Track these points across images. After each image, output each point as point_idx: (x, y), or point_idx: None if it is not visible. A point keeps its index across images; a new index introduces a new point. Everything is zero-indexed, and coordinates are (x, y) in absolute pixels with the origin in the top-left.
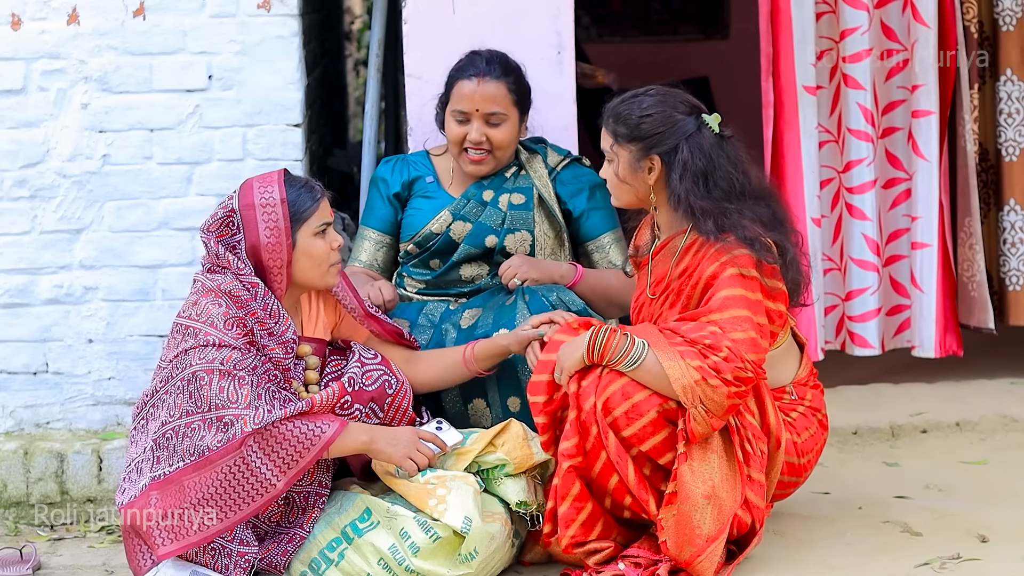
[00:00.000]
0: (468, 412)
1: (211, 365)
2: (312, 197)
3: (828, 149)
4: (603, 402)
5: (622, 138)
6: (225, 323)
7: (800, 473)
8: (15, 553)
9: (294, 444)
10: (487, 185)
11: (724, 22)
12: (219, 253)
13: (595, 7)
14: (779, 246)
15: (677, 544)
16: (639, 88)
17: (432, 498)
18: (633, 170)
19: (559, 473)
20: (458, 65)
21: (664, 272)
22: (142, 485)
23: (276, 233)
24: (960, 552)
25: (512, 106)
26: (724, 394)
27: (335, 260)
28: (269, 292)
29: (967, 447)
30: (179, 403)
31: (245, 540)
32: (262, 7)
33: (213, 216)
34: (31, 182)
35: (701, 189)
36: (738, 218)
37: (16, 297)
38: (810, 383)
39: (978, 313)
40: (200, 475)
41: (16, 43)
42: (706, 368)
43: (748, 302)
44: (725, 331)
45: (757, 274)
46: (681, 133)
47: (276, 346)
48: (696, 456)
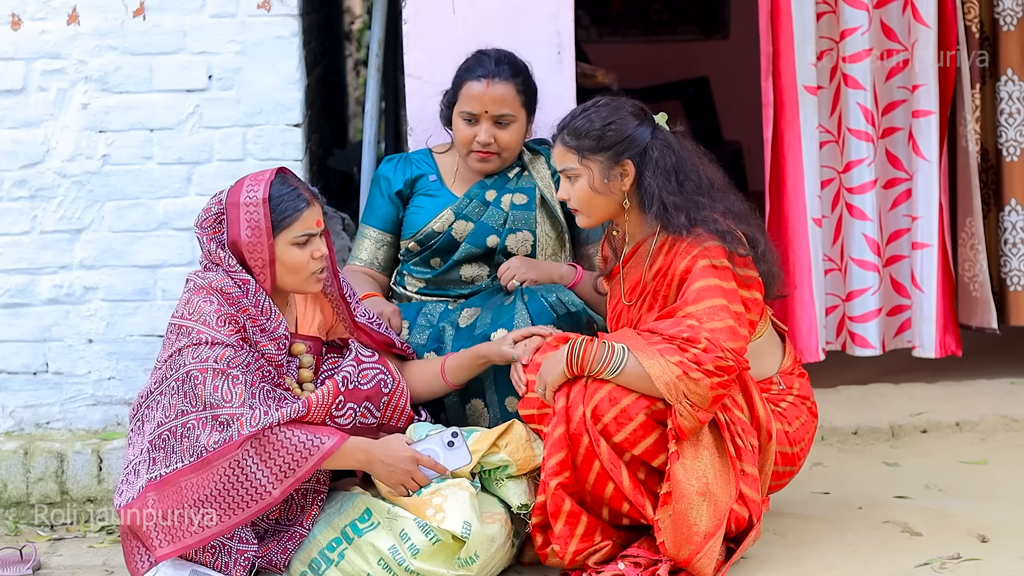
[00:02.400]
0: (466, 412)
1: (204, 364)
2: (295, 206)
3: (828, 149)
4: (591, 409)
5: (588, 151)
6: (217, 320)
7: (794, 462)
8: (15, 553)
9: (292, 453)
10: (490, 185)
11: (724, 22)
12: (211, 249)
13: (595, 7)
14: (750, 238)
15: (675, 543)
16: (585, 104)
17: (429, 508)
18: (607, 179)
19: (546, 492)
20: (466, 65)
21: (638, 277)
22: (139, 487)
23: (256, 233)
24: (960, 552)
25: (520, 107)
26: (707, 385)
27: (314, 270)
28: (260, 289)
29: (967, 447)
30: (174, 403)
31: (245, 538)
32: (262, 7)
33: (206, 211)
34: (31, 182)
35: (673, 185)
36: (709, 212)
37: (16, 297)
38: (796, 371)
39: (981, 313)
40: (198, 476)
41: (16, 43)
42: (686, 362)
43: (723, 291)
44: (702, 322)
45: (729, 264)
46: (645, 134)
47: (268, 342)
48: (688, 454)
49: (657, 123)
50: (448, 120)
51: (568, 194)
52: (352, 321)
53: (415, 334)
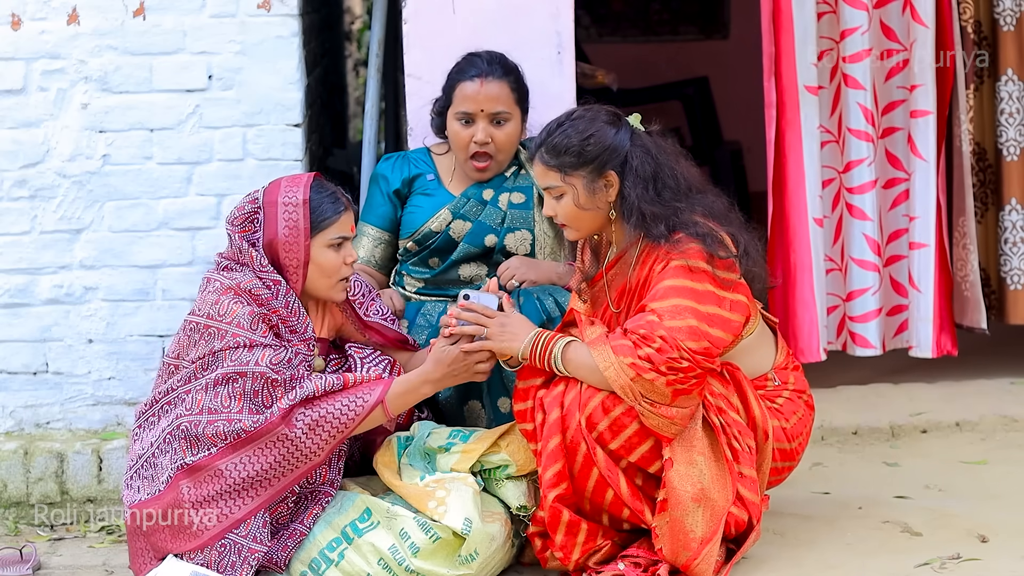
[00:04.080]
0: (464, 413)
1: (245, 368)
2: (335, 208)
3: (829, 149)
4: (586, 418)
5: (570, 167)
6: (252, 322)
7: (792, 457)
8: (15, 553)
9: (336, 417)
10: (487, 184)
11: (724, 22)
12: (242, 248)
13: (595, 7)
14: (733, 237)
15: (672, 550)
16: (559, 119)
17: (431, 500)
18: (592, 193)
19: (544, 505)
20: (457, 68)
21: (623, 284)
22: (166, 477)
23: (295, 232)
24: (960, 552)
25: (515, 105)
26: (663, 383)
27: (345, 275)
28: (291, 290)
29: (967, 447)
30: (200, 399)
31: (259, 538)
32: (262, 7)
33: (239, 209)
34: (31, 182)
35: (651, 193)
36: (689, 215)
37: (16, 297)
38: (790, 366)
39: (971, 313)
40: (239, 455)
41: (16, 43)
42: (638, 363)
43: (692, 292)
44: (662, 319)
45: (707, 266)
46: (624, 142)
47: (300, 343)
48: (682, 460)
49: (633, 127)
50: (439, 128)
51: (554, 211)
52: (361, 321)
53: (414, 334)
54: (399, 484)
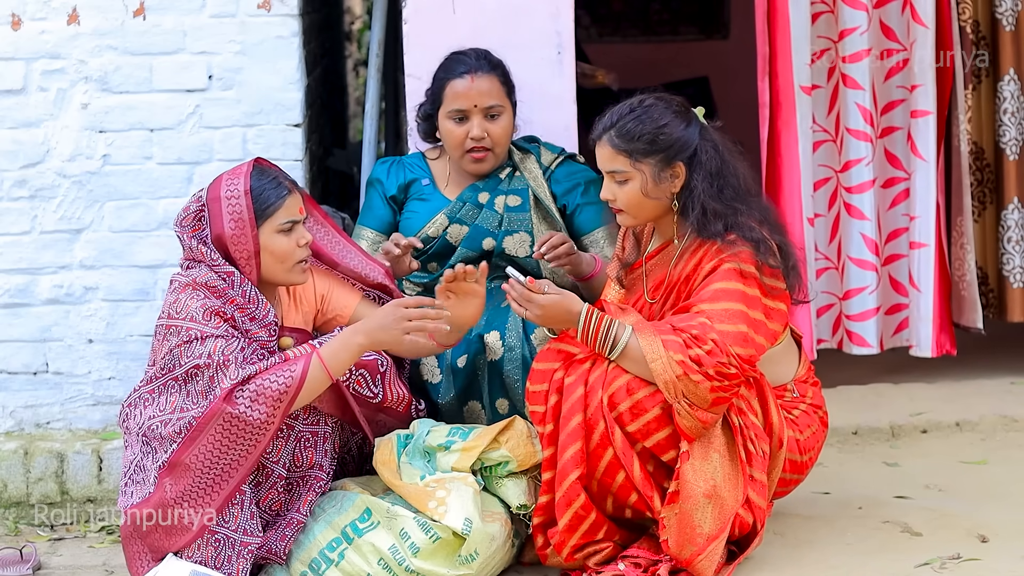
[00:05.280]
0: (464, 413)
1: (198, 360)
2: (278, 194)
3: (825, 148)
4: (608, 396)
5: (641, 154)
6: (204, 314)
7: (802, 470)
8: (15, 553)
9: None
10: (482, 187)
11: (724, 22)
12: (192, 246)
13: (595, 7)
14: (782, 248)
15: (678, 543)
16: (632, 101)
17: (431, 500)
18: (659, 182)
19: (560, 485)
20: (443, 67)
21: (663, 276)
22: (152, 478)
23: (240, 224)
24: (960, 552)
25: (506, 98)
26: (707, 388)
27: (300, 257)
28: (245, 279)
29: (967, 447)
30: (172, 400)
31: (250, 530)
32: (262, 7)
33: (185, 210)
34: (31, 182)
35: (715, 190)
36: (745, 218)
37: (16, 297)
38: (810, 380)
39: (968, 312)
40: (196, 447)
41: (16, 43)
42: (688, 362)
43: (744, 296)
44: (713, 322)
45: (756, 272)
46: (694, 136)
47: (260, 329)
48: (698, 455)
49: (702, 122)
50: (427, 132)
51: (614, 195)
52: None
53: None
54: (399, 484)
